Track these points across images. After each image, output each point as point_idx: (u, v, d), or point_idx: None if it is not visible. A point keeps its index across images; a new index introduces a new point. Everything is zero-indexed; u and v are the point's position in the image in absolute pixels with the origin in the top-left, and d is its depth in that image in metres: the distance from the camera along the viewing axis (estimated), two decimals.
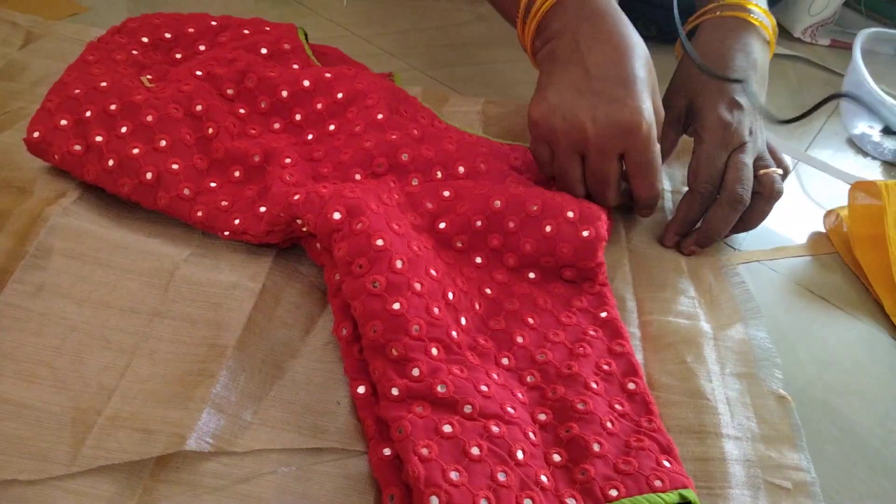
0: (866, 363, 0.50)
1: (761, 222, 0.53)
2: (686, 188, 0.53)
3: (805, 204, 0.62)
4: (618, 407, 0.40)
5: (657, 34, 0.79)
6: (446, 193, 0.46)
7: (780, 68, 0.80)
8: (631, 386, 0.41)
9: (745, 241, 0.56)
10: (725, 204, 0.51)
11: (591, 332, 0.44)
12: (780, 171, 0.53)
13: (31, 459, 0.34)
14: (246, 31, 0.55)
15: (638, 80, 0.46)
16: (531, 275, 0.46)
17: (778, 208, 0.59)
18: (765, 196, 0.52)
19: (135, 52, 0.52)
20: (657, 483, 0.36)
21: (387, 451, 0.36)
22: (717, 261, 0.53)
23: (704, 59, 0.53)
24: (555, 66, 0.48)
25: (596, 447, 0.37)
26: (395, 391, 0.37)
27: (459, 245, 0.46)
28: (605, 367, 0.42)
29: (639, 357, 0.44)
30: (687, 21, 0.58)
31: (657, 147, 0.48)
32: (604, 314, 0.45)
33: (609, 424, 0.39)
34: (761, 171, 0.53)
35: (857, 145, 0.70)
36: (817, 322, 0.52)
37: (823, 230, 0.59)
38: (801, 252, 0.57)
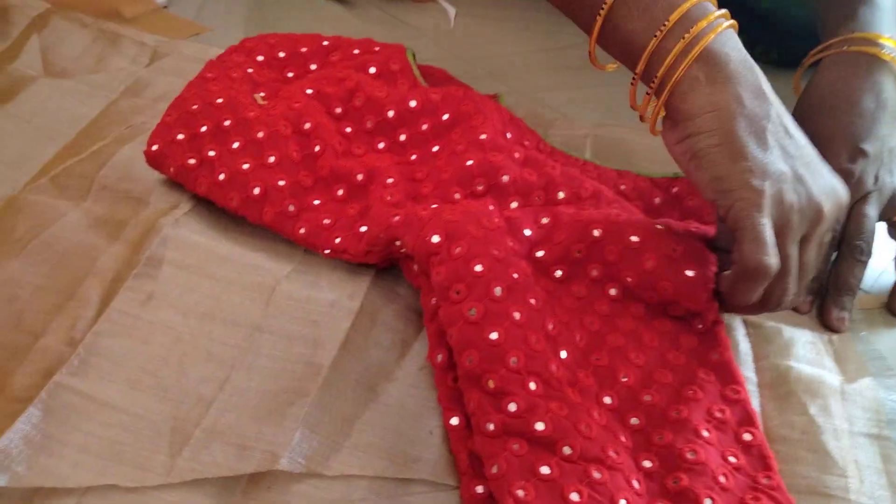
0: None
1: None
2: None
3: None
4: (732, 459, 0.37)
5: (777, 59, 0.74)
6: (545, 220, 0.44)
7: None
8: (747, 437, 0.38)
9: (876, 284, 0.51)
10: (847, 257, 0.47)
11: (702, 375, 0.40)
12: None
13: (130, 466, 0.34)
14: (356, 52, 0.55)
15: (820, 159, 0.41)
16: (636, 309, 0.44)
17: None
18: None
19: (250, 71, 0.54)
20: None
21: (479, 489, 0.34)
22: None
23: (827, 100, 0.49)
24: (724, 125, 0.38)
25: (707, 503, 0.34)
26: (490, 426, 0.35)
27: (559, 275, 0.44)
28: (718, 415, 0.39)
29: (755, 405, 0.41)
30: (809, 54, 0.54)
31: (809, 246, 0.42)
32: (716, 356, 0.42)
33: (722, 479, 0.35)
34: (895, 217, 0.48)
35: None
36: None
37: None
38: None
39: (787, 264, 0.39)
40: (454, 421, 0.37)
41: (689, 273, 0.42)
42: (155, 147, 0.47)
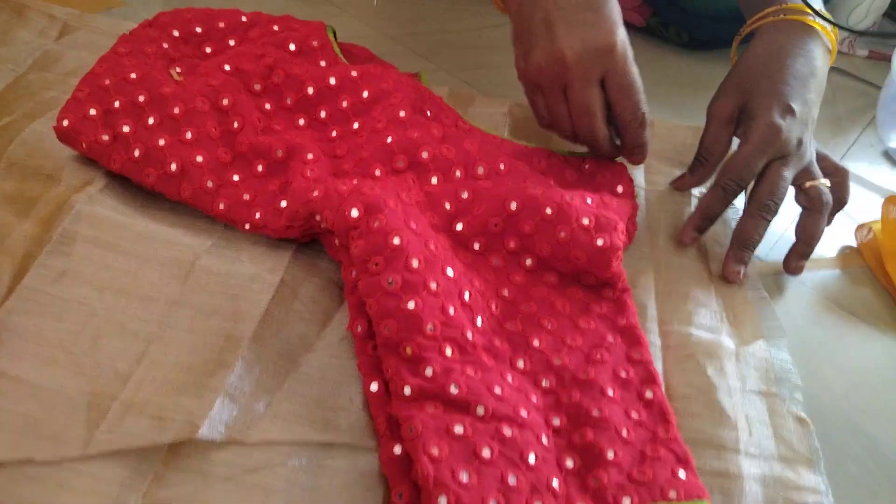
0: (892, 380, 0.48)
1: (818, 237, 0.52)
2: None
3: (836, 217, 0.61)
4: (634, 415, 0.39)
5: (689, 41, 0.78)
6: (464, 195, 0.46)
7: None
8: (648, 394, 0.41)
9: (772, 251, 0.55)
10: (754, 213, 0.50)
11: (610, 339, 0.43)
12: (828, 183, 0.52)
13: (46, 440, 0.34)
14: (275, 28, 0.55)
15: (606, 4, 0.46)
16: (550, 278, 0.46)
17: None
18: (814, 208, 0.51)
19: (165, 46, 0.53)
20: (672, 493, 0.35)
21: (397, 450, 0.36)
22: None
23: (762, 63, 0.52)
24: (523, 9, 0.48)
25: (610, 454, 0.37)
26: (407, 390, 0.36)
27: (477, 247, 0.46)
28: (623, 375, 0.41)
29: (658, 366, 0.44)
30: (747, 23, 0.57)
31: (635, 68, 0.48)
32: (623, 321, 0.44)
33: (624, 432, 0.38)
34: (807, 184, 0.51)
35: (893, 158, 0.68)
36: (845, 338, 0.50)
37: (854, 244, 0.58)
38: (830, 265, 0.55)
39: (554, 115, 0.49)
40: (374, 387, 0.38)
41: (600, 242, 0.44)
42: (66, 122, 0.46)
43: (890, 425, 0.45)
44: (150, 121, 0.46)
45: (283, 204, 0.44)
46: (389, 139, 0.46)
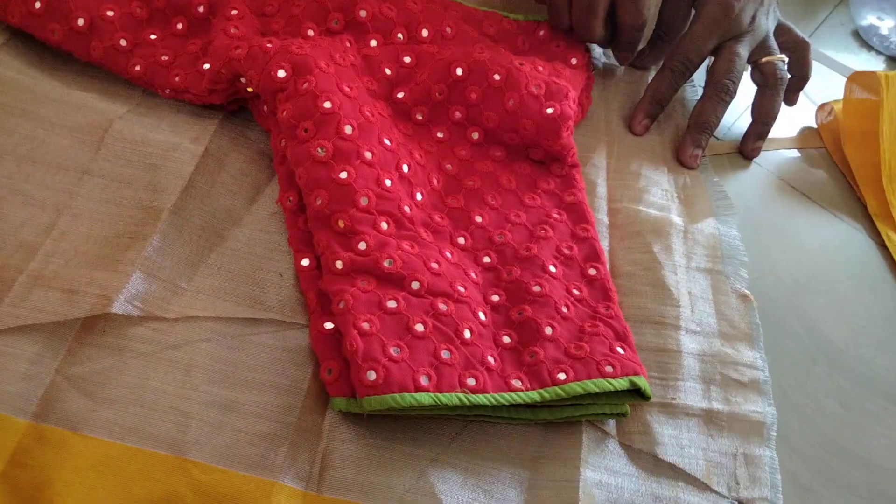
0: (840, 263, 0.48)
1: (774, 116, 0.50)
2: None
3: (799, 97, 0.59)
4: (575, 292, 0.38)
5: None
6: (407, 59, 0.42)
7: None
8: (592, 272, 0.39)
9: (730, 131, 0.53)
10: (712, 95, 0.48)
11: (555, 215, 0.41)
12: (785, 59, 0.50)
13: None
14: None
15: None
16: (497, 152, 0.43)
17: None
18: (769, 85, 0.49)
19: None
20: (608, 369, 0.35)
21: (328, 325, 0.34)
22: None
23: None
24: None
25: (548, 330, 0.36)
26: (339, 264, 0.34)
27: (420, 117, 0.43)
28: (567, 251, 0.40)
29: (604, 244, 0.42)
30: None
31: None
32: (570, 197, 0.42)
33: (564, 309, 0.37)
34: (763, 60, 0.49)
35: (863, 38, 0.66)
36: (796, 219, 0.50)
37: (815, 125, 0.56)
38: (787, 145, 0.54)
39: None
40: (305, 262, 0.37)
41: (549, 111, 0.42)
42: None
43: (831, 305, 0.45)
44: None
45: (206, 66, 0.40)
46: None
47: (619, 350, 0.36)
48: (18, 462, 0.29)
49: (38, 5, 0.40)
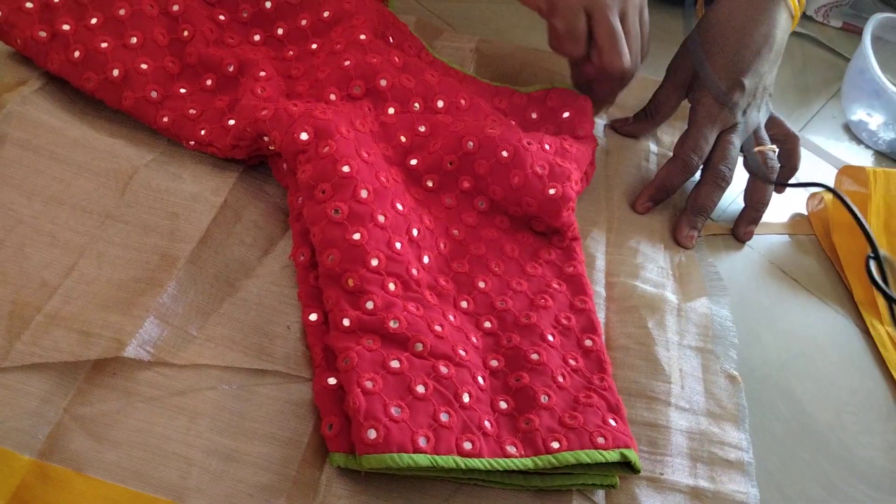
0: (828, 349, 0.49)
1: (765, 203, 0.53)
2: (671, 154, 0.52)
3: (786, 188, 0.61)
4: (572, 362, 0.39)
5: None
6: (422, 128, 0.45)
7: (787, 46, 0.78)
8: (588, 343, 0.41)
9: (725, 213, 0.56)
10: (709, 181, 0.51)
11: (555, 286, 0.43)
12: (775, 149, 0.53)
13: None
14: None
15: None
16: (501, 221, 0.45)
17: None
18: (759, 174, 0.52)
19: None
20: (600, 440, 0.36)
21: (331, 381, 0.35)
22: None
23: (721, 29, 0.51)
24: None
25: (544, 399, 0.37)
26: (346, 322, 0.36)
27: (430, 184, 0.45)
28: (565, 322, 0.41)
29: (601, 316, 0.44)
30: None
31: (629, 21, 0.47)
32: (570, 269, 0.44)
33: (560, 378, 0.38)
34: (755, 149, 0.52)
35: (853, 132, 0.69)
36: (785, 303, 0.51)
37: (805, 212, 0.58)
38: (778, 230, 0.56)
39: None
40: (313, 317, 0.38)
41: (552, 191, 0.44)
42: None
43: (817, 390, 0.46)
44: (93, 21, 0.43)
45: (231, 122, 0.42)
46: (347, 63, 0.44)
47: (612, 422, 0.37)
48: (21, 499, 0.29)
49: (76, 54, 0.42)
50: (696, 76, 0.52)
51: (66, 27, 0.43)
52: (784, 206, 0.58)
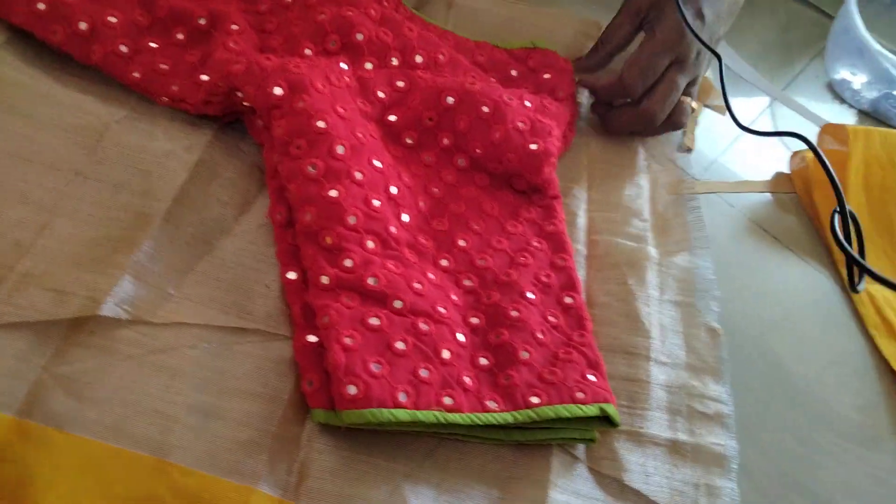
0: (806, 305, 0.50)
1: (653, 122, 0.51)
2: None
3: (774, 143, 0.61)
4: (551, 319, 0.40)
5: None
6: (400, 83, 0.44)
7: (770, 3, 0.78)
8: (568, 300, 0.41)
9: (707, 172, 0.55)
10: (641, 114, 0.50)
11: (535, 244, 0.43)
12: (695, 107, 0.53)
13: None
14: None
15: None
16: (481, 179, 0.45)
17: (747, 145, 0.58)
18: (671, 121, 0.51)
19: None
20: (579, 395, 0.36)
21: (311, 338, 0.35)
22: (678, 185, 0.52)
23: None
24: None
25: (524, 355, 0.37)
26: (324, 279, 0.35)
27: (409, 141, 0.44)
28: (545, 279, 0.41)
29: (581, 274, 0.44)
30: None
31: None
32: (550, 227, 0.44)
33: (540, 335, 0.38)
34: (684, 98, 0.52)
35: (836, 91, 0.69)
36: (765, 260, 0.52)
37: (787, 171, 0.58)
38: (761, 188, 0.56)
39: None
40: (291, 275, 0.37)
41: (533, 147, 0.43)
42: None
43: (797, 347, 0.47)
44: None
45: (204, 77, 0.41)
46: (322, 16, 0.43)
47: (591, 377, 0.37)
48: (2, 457, 0.29)
49: (41, 6, 0.41)
50: (654, 5, 0.50)
51: None
52: (766, 164, 0.58)
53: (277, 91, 0.38)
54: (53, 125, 0.39)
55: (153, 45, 0.42)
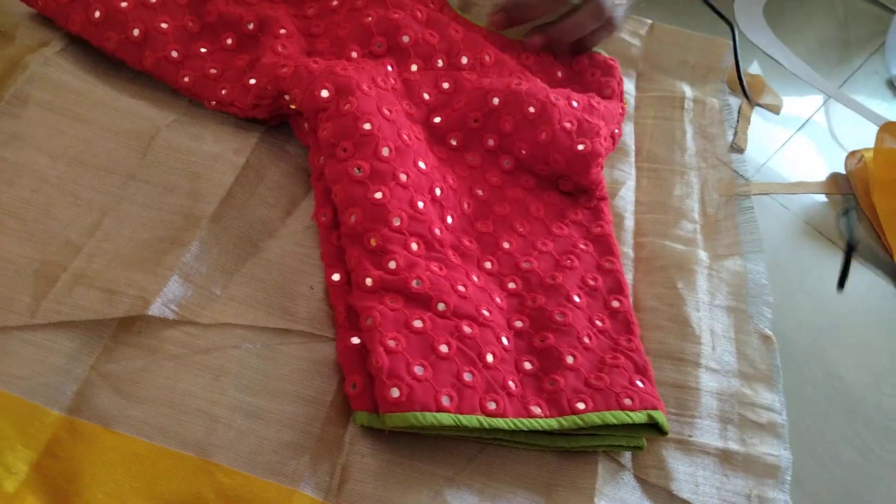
0: (863, 311, 0.48)
1: (574, 34, 0.50)
2: None
3: (830, 143, 0.59)
4: (598, 323, 0.39)
5: None
6: (445, 85, 0.44)
7: None
8: (615, 304, 0.40)
9: (759, 173, 0.54)
10: (587, 13, 0.48)
11: (582, 246, 0.42)
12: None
13: None
14: None
15: None
16: (527, 181, 0.44)
17: (800, 145, 0.56)
18: (594, 14, 0.49)
19: None
20: (627, 401, 0.35)
21: (355, 340, 0.35)
22: (729, 186, 0.50)
23: None
24: None
25: (569, 359, 0.36)
26: (368, 281, 0.35)
27: (454, 143, 0.44)
28: (591, 282, 0.40)
29: (629, 277, 0.43)
30: None
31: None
32: (597, 229, 0.43)
33: (586, 339, 0.37)
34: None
35: None
36: (820, 264, 0.50)
37: (843, 171, 0.56)
38: (816, 189, 0.54)
39: None
40: (335, 277, 0.37)
41: (580, 147, 0.43)
42: None
43: (851, 353, 0.45)
44: None
45: (252, 81, 0.41)
46: (369, 18, 0.43)
47: (639, 383, 0.36)
48: (52, 453, 0.30)
49: (97, 14, 0.42)
50: None
51: None
52: (821, 165, 0.56)
53: (324, 94, 0.38)
54: (108, 130, 0.40)
55: (203, 49, 0.43)
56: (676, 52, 0.58)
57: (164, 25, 0.42)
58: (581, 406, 0.35)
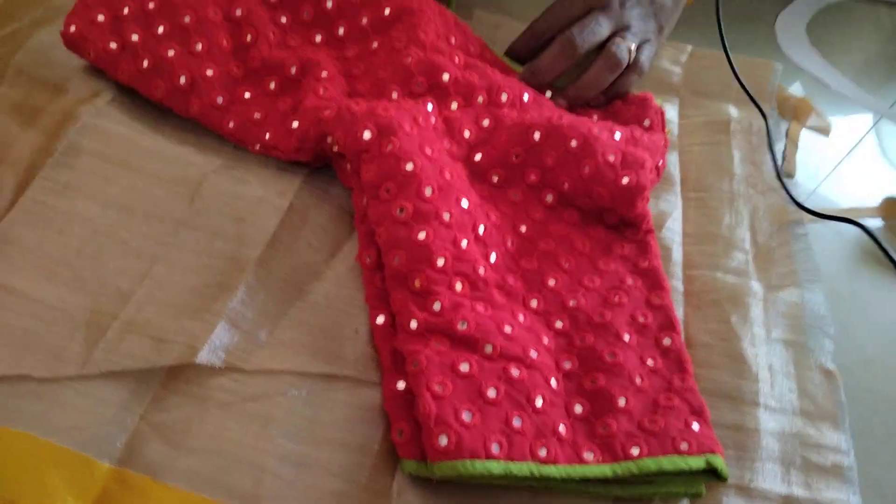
0: None
1: (594, 88, 0.49)
2: None
3: (882, 166, 0.57)
4: (650, 362, 0.38)
5: None
6: (485, 122, 0.43)
7: (873, 12, 0.73)
8: (666, 341, 0.39)
9: (810, 199, 0.52)
10: (556, 43, 0.48)
11: (629, 282, 0.41)
12: (634, 45, 0.50)
13: (44, 357, 0.33)
14: None
15: None
16: (571, 216, 0.43)
17: (853, 167, 0.54)
18: (607, 66, 0.49)
19: None
20: (683, 445, 0.34)
21: (401, 385, 0.35)
22: (781, 213, 0.49)
23: None
24: None
25: (621, 402, 0.35)
26: (413, 324, 0.35)
27: (495, 179, 0.43)
28: (641, 320, 0.39)
29: (679, 312, 0.42)
30: None
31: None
32: (645, 263, 0.42)
33: (638, 380, 0.36)
34: (618, 38, 0.49)
35: None
36: (881, 292, 0.48)
37: None
38: (871, 214, 0.52)
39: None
40: (380, 320, 0.37)
41: (625, 180, 0.42)
42: (73, 28, 0.44)
43: None
44: (160, 30, 0.44)
45: (295, 124, 0.42)
46: (409, 59, 0.44)
47: (695, 426, 0.35)
48: None
49: (145, 64, 0.43)
50: None
51: (134, 37, 0.43)
52: (877, 188, 0.54)
53: (367, 135, 0.38)
54: (157, 177, 0.40)
55: (247, 94, 0.44)
56: (719, 76, 0.57)
57: (209, 72, 0.43)
58: (635, 451, 0.34)
